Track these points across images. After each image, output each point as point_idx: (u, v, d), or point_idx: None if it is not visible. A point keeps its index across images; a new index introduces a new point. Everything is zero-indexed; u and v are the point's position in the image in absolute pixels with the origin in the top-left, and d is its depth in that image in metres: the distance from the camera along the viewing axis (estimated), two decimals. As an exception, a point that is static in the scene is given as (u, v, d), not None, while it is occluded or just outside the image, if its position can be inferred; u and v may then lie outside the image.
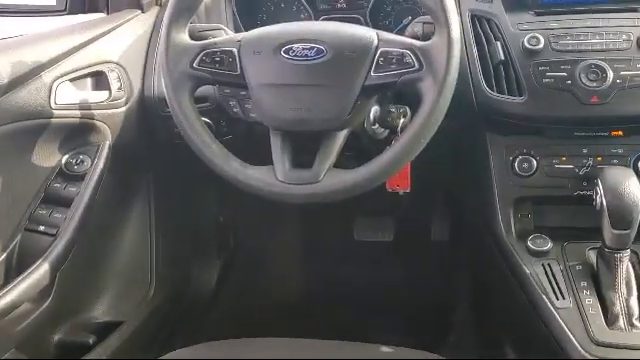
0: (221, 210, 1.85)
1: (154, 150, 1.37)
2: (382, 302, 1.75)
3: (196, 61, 0.97)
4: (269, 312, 1.72)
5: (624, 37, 1.05)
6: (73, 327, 1.28)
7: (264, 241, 1.89)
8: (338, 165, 0.97)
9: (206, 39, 1.00)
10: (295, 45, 0.94)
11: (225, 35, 1.04)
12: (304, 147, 0.98)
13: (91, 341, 1.27)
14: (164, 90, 1.00)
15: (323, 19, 1.36)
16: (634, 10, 1.09)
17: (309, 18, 1.37)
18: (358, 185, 0.94)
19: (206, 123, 1.03)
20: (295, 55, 0.94)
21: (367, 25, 1.30)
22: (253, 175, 0.97)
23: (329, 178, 0.95)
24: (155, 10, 1.35)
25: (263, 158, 0.98)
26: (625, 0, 1.13)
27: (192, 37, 1.00)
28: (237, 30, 1.27)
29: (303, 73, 0.94)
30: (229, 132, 1.22)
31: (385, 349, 1.07)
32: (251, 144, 1.10)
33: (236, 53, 0.96)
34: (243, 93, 1.07)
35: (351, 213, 1.85)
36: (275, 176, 0.96)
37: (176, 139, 1.08)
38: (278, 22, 1.00)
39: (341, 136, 0.97)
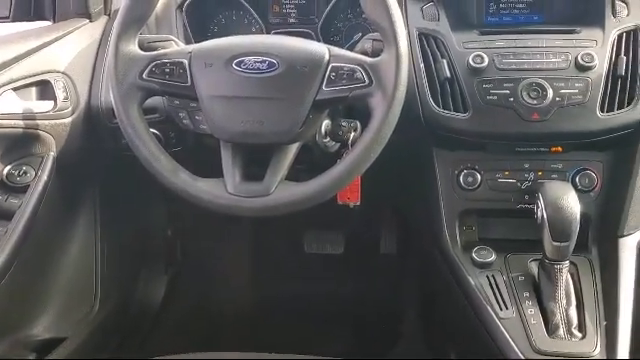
0: (169, 223, 1.82)
1: (101, 162, 1.34)
2: (332, 314, 1.75)
3: (145, 72, 0.96)
4: (218, 326, 1.70)
5: (563, 57, 1.10)
6: (13, 344, 1.24)
7: (213, 255, 1.87)
8: (289, 178, 0.98)
9: (156, 50, 0.99)
10: (247, 58, 0.94)
11: (175, 46, 1.04)
12: (255, 160, 0.98)
13: (32, 358, 1.23)
14: (112, 101, 0.99)
15: (274, 33, 1.37)
16: (572, 32, 1.15)
17: (260, 31, 1.38)
18: (309, 198, 0.95)
19: (155, 135, 1.03)
20: (247, 68, 0.94)
21: (318, 40, 1.32)
22: (202, 188, 0.97)
23: (280, 191, 0.95)
24: (104, 20, 1.33)
25: (213, 170, 0.98)
26: (564, 22, 1.18)
27: (142, 48, 0.99)
28: (187, 42, 1.27)
29: (255, 86, 0.94)
30: (178, 144, 1.21)
31: None
32: (201, 156, 1.10)
33: (187, 65, 0.96)
34: (193, 105, 1.07)
35: (301, 226, 1.86)
36: (225, 189, 0.96)
37: (124, 151, 1.07)
38: (229, 35, 1.00)
39: (292, 149, 0.98)
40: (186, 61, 0.96)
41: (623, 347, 0.97)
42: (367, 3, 0.95)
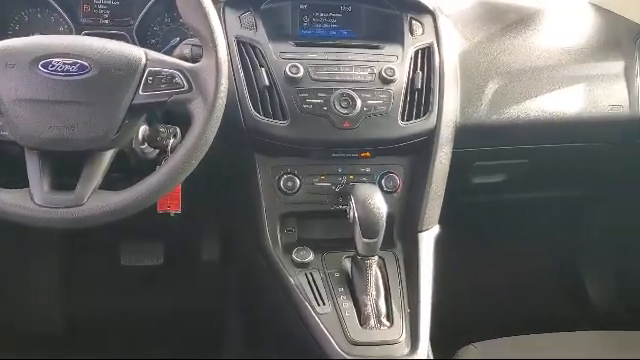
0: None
1: None
2: (152, 328, 1.70)
3: None
4: (28, 346, 1.56)
5: (369, 70, 1.20)
6: None
7: (21, 270, 1.70)
8: (105, 187, 0.93)
9: None
10: (55, 59, 0.88)
11: None
12: (65, 168, 0.92)
13: None
14: None
15: (85, 34, 1.29)
16: (377, 47, 1.24)
17: (69, 32, 1.29)
18: (126, 207, 0.91)
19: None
20: (55, 70, 0.88)
21: (133, 43, 1.27)
22: (6, 200, 0.89)
23: (94, 201, 0.91)
24: None
25: (17, 180, 0.90)
26: (370, 38, 1.28)
27: None
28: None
29: (64, 89, 0.88)
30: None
31: None
32: (2, 165, 1.00)
33: None
34: None
35: (117, 237, 1.77)
36: (32, 200, 0.89)
37: None
38: (33, 34, 0.93)
39: (107, 156, 0.94)
40: None
41: (424, 331, 1.07)
42: (185, 8, 0.95)
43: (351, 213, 1.09)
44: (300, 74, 1.16)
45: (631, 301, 1.80)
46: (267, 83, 1.15)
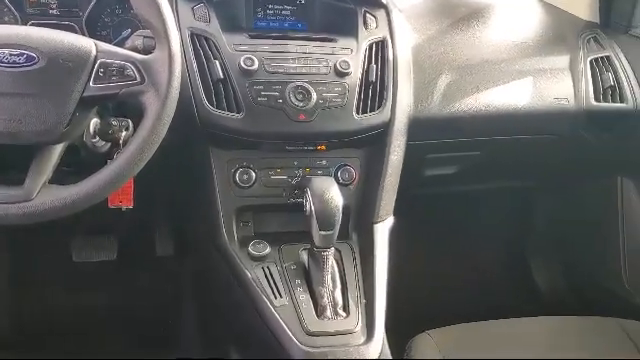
0: None
1: None
2: (106, 324, 1.67)
3: None
4: None
5: (324, 63, 1.20)
6: None
7: None
8: (55, 181, 0.91)
9: None
10: (0, 50, 0.85)
11: None
12: (14, 162, 0.90)
13: None
14: None
15: (32, 24, 1.25)
16: (331, 40, 1.25)
17: (15, 22, 1.25)
18: (77, 202, 0.89)
19: None
20: (0, 61, 0.85)
21: (83, 34, 1.24)
22: None
23: (44, 195, 0.89)
24: None
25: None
26: (324, 31, 1.28)
27: None
28: None
29: (11, 81, 0.86)
30: None
31: None
32: None
33: None
34: None
35: (68, 233, 1.73)
36: None
37: None
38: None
39: (57, 150, 0.92)
40: None
41: (379, 321, 1.09)
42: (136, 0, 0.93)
43: (307, 206, 1.09)
44: (255, 66, 1.15)
45: (576, 287, 1.88)
46: (221, 75, 1.15)
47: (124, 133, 1.01)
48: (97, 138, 1.01)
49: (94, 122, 0.99)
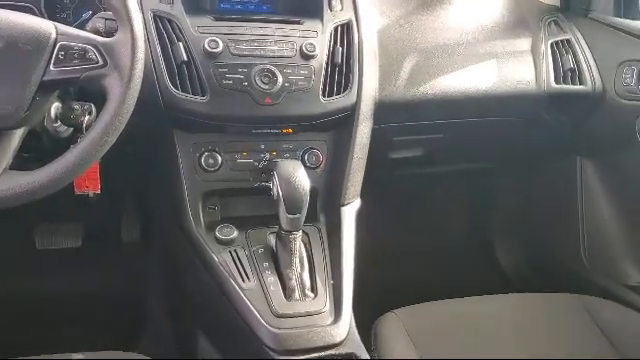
0: None
1: None
2: (72, 311, 1.65)
3: None
4: None
5: (289, 46, 1.19)
6: None
7: None
8: (16, 167, 0.89)
9: None
10: None
11: None
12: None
13: None
14: None
15: (-12, 6, 1.21)
16: (297, 22, 1.24)
17: (-31, 3, 1.21)
18: (40, 188, 0.88)
19: None
20: None
21: (42, 16, 1.21)
22: None
23: (4, 182, 0.87)
24: None
25: None
26: (289, 13, 1.27)
27: None
28: None
29: None
30: None
31: (77, 356, 1.03)
32: None
33: None
34: None
35: (31, 220, 1.70)
36: None
37: None
38: None
39: (17, 135, 0.90)
40: None
41: (347, 301, 1.10)
42: None
43: (275, 190, 1.09)
44: (219, 49, 1.14)
45: (538, 266, 1.93)
46: (185, 58, 1.13)
47: (87, 117, 0.99)
48: (59, 123, 0.99)
49: (55, 106, 0.97)
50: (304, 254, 1.14)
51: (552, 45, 1.52)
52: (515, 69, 1.47)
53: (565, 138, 1.65)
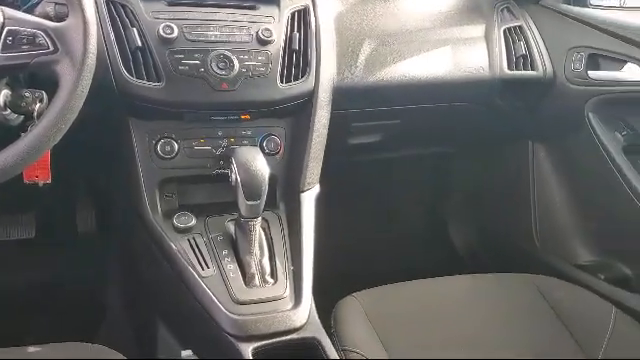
0: None
1: None
2: (31, 302, 1.61)
3: None
4: None
5: (245, 31, 1.18)
6: None
7: None
8: (-38, 156, 0.87)
9: None
10: None
11: None
12: None
13: None
14: None
15: None
16: (253, 8, 1.23)
17: None
18: None
19: None
20: None
21: (-13, -1, 1.16)
22: None
23: None
24: None
25: None
26: (246, -1, 1.27)
27: None
28: None
29: None
30: None
31: (32, 349, 1.01)
32: None
33: None
34: None
35: None
36: None
37: None
38: None
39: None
40: None
41: (307, 286, 1.11)
42: None
43: (233, 176, 1.09)
44: (174, 34, 1.13)
45: (491, 247, 1.98)
46: (139, 43, 1.11)
47: (38, 105, 0.96)
48: (8, 111, 0.97)
49: (4, 94, 0.95)
50: (264, 241, 1.14)
51: (505, 31, 1.55)
52: (470, 55, 1.49)
53: (518, 123, 1.69)
